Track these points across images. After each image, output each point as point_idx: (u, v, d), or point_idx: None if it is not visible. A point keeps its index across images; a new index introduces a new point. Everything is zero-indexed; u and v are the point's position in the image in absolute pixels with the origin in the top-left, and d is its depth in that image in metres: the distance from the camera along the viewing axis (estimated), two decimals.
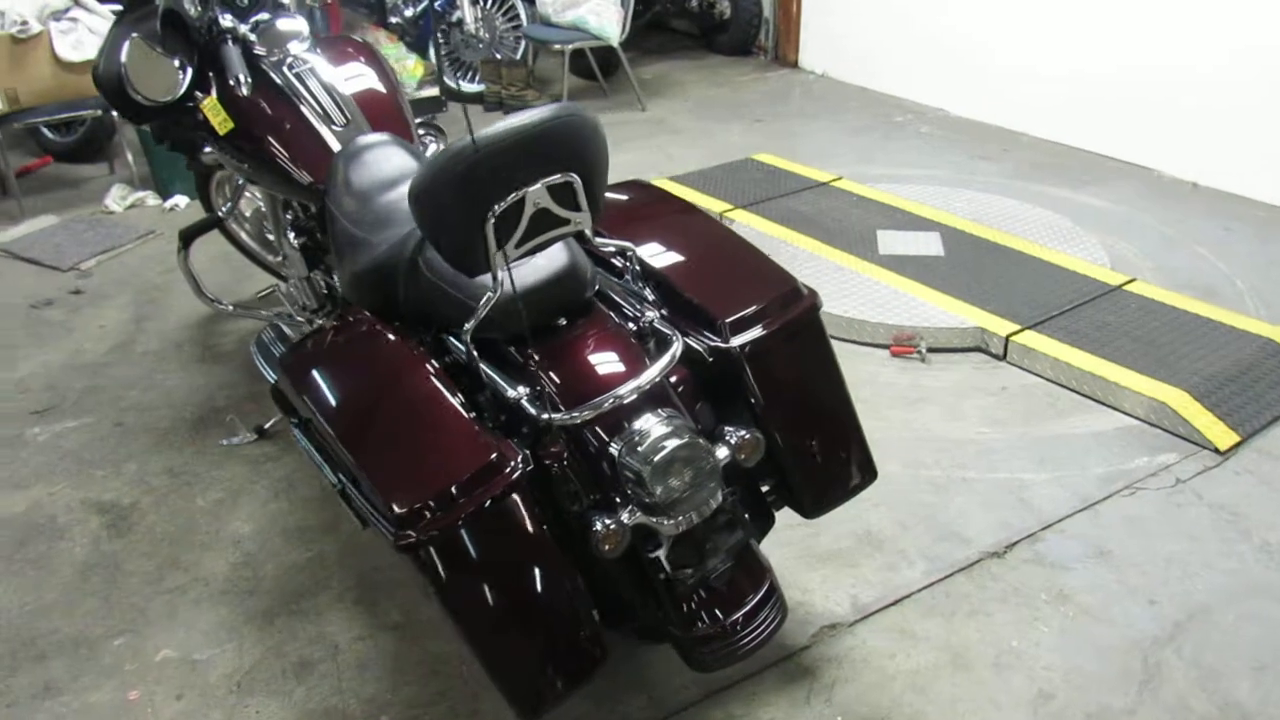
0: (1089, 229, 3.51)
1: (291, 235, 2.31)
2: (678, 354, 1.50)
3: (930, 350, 2.87)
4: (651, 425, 1.44)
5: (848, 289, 3.08)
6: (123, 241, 3.83)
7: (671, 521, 1.44)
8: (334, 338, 1.64)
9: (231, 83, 2.04)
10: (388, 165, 2.04)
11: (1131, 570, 2.04)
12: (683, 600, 1.51)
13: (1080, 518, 2.21)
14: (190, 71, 2.12)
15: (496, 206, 1.35)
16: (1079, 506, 2.24)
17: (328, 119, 2.12)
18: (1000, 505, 2.25)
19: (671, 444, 1.41)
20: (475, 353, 1.48)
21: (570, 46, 5.04)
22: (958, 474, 2.36)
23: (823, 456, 1.65)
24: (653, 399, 1.48)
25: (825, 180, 3.98)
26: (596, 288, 1.62)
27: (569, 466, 1.47)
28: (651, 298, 1.64)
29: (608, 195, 1.90)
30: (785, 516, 2.03)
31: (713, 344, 1.57)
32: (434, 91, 4.84)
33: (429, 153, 2.49)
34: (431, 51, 4.97)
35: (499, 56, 5.35)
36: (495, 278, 1.41)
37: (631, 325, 1.59)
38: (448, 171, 1.34)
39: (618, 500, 1.45)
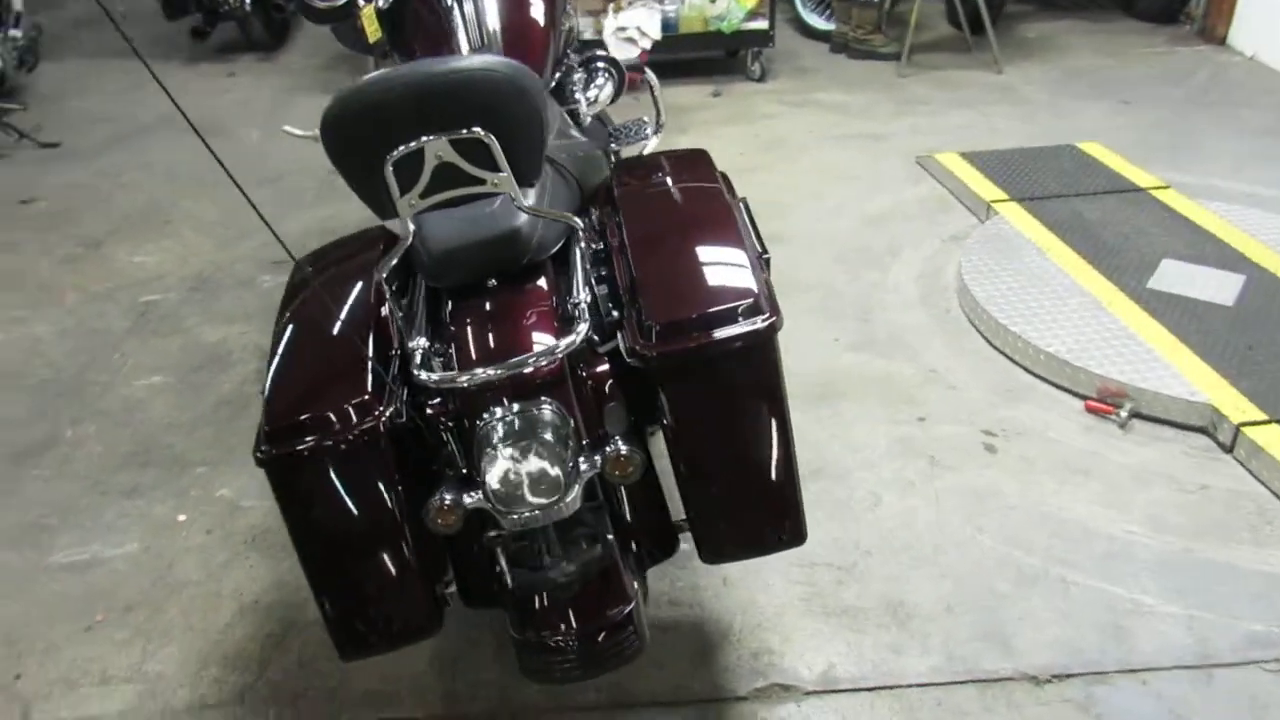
0: None
1: None
2: (571, 344, 1.37)
3: (1138, 417, 2.32)
4: (509, 418, 1.35)
5: (1071, 319, 2.57)
6: None
7: (510, 517, 1.35)
8: (347, 245, 1.73)
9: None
10: None
11: None
12: (519, 600, 1.42)
13: (1181, 675, 1.70)
14: None
15: (395, 152, 1.31)
16: (1189, 662, 1.72)
17: (464, 40, 2.16)
18: (1085, 624, 1.80)
19: (517, 444, 1.31)
20: (387, 296, 1.47)
21: None
22: (1060, 570, 1.92)
23: (732, 502, 1.43)
24: (542, 385, 1.38)
25: (1145, 186, 3.30)
26: (546, 255, 1.51)
27: (451, 432, 1.43)
28: (593, 279, 1.50)
29: (650, 158, 1.75)
30: (818, 556, 1.83)
31: (636, 345, 1.42)
32: (761, 24, 4.69)
33: (602, 91, 2.45)
34: None
35: None
36: (404, 224, 1.39)
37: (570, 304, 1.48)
38: (348, 106, 1.32)
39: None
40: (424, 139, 1.30)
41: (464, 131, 1.31)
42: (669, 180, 1.72)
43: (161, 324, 2.88)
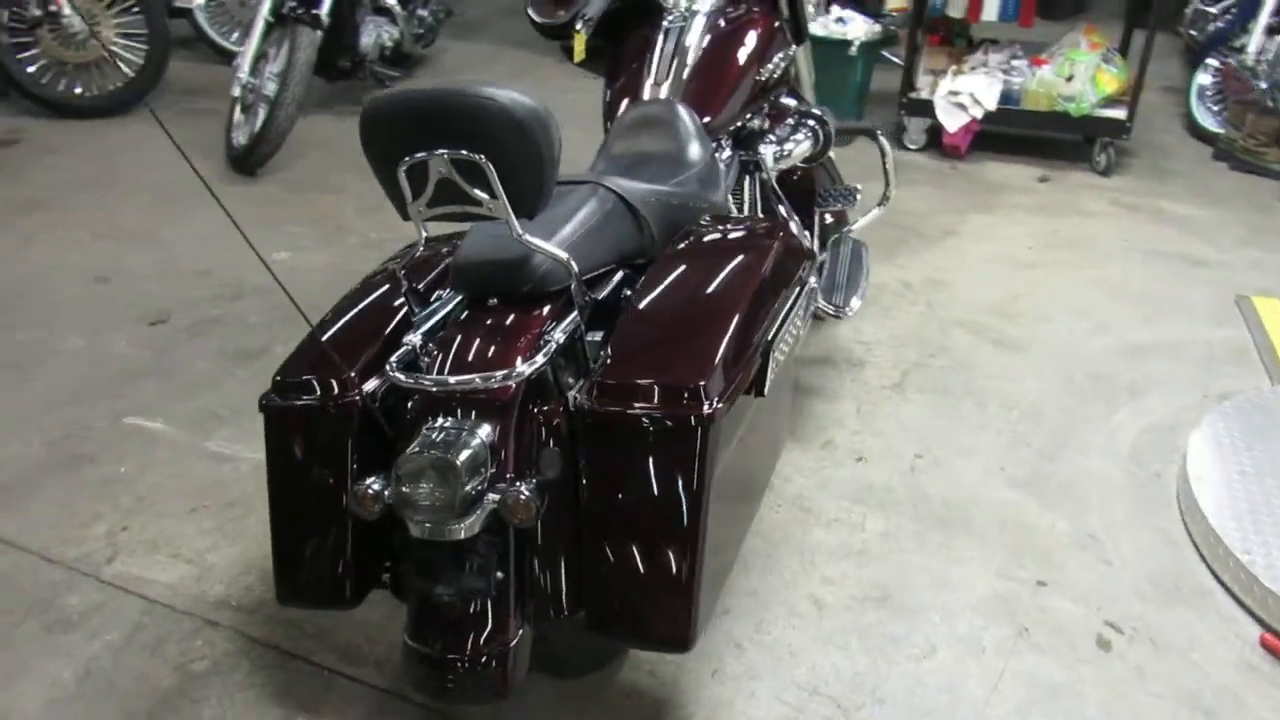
0: None
1: None
2: (512, 375, 1.36)
3: None
4: (442, 430, 1.38)
5: None
6: None
7: (409, 522, 1.39)
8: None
9: (579, 21, 2.23)
10: (636, 130, 2.07)
11: None
12: (411, 605, 1.44)
13: None
14: (595, 2, 2.36)
15: (404, 161, 1.40)
16: None
17: (649, 73, 2.19)
18: None
19: (430, 454, 1.34)
20: (404, 290, 1.57)
21: None
22: None
23: (619, 581, 1.34)
24: (487, 408, 1.40)
25: None
26: (552, 288, 1.51)
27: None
28: (580, 322, 1.48)
29: (730, 222, 1.70)
30: (826, 685, 1.73)
31: (578, 395, 1.39)
32: (1118, 113, 4.17)
33: (797, 147, 2.37)
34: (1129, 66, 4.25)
35: (1271, 104, 4.31)
36: (417, 227, 1.48)
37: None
38: (373, 112, 1.42)
39: None
40: (428, 153, 1.38)
41: (462, 152, 1.36)
42: (720, 247, 1.65)
43: None
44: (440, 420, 1.40)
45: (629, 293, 1.58)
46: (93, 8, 4.62)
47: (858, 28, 4.42)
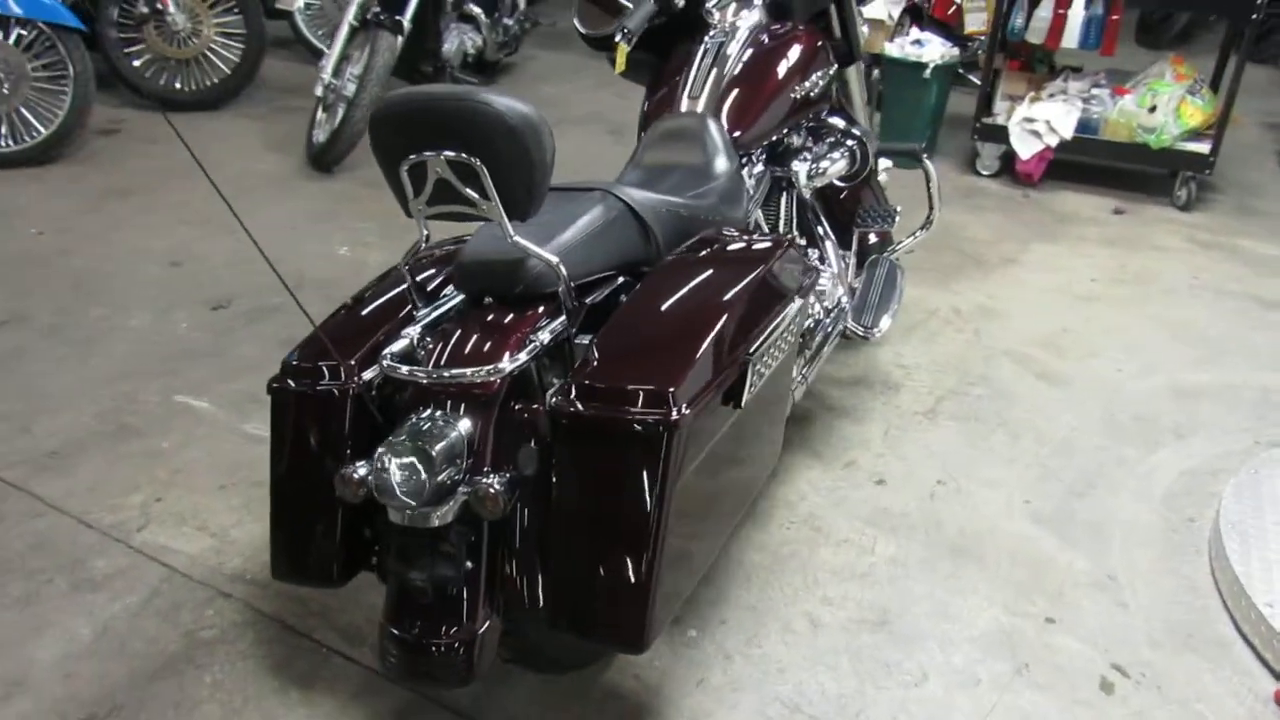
0: None
1: None
2: (487, 373, 1.41)
3: None
4: (425, 420, 1.43)
5: None
6: None
7: (387, 508, 1.44)
8: None
9: (619, 34, 2.26)
10: (665, 142, 2.10)
11: None
12: (389, 588, 1.49)
13: None
14: (637, 16, 2.38)
15: (405, 160, 1.46)
16: None
17: (684, 84, 2.21)
18: None
19: (407, 442, 1.39)
20: (407, 283, 1.62)
21: None
22: None
23: (578, 579, 1.37)
24: (470, 402, 1.44)
25: None
26: (546, 290, 1.54)
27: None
28: (568, 325, 1.52)
29: (729, 235, 1.72)
30: (810, 704, 1.74)
31: (556, 395, 1.42)
32: (1201, 147, 4.02)
33: (832, 165, 2.36)
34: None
35: None
36: (418, 224, 1.54)
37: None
38: (381, 111, 1.48)
39: None
40: (427, 153, 1.43)
41: (459, 155, 1.41)
42: (716, 259, 1.66)
43: None
44: (426, 411, 1.45)
45: (624, 299, 1.61)
46: (195, 7, 4.87)
47: (934, 50, 4.36)
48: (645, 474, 1.33)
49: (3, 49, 4.00)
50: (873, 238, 2.76)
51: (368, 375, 1.57)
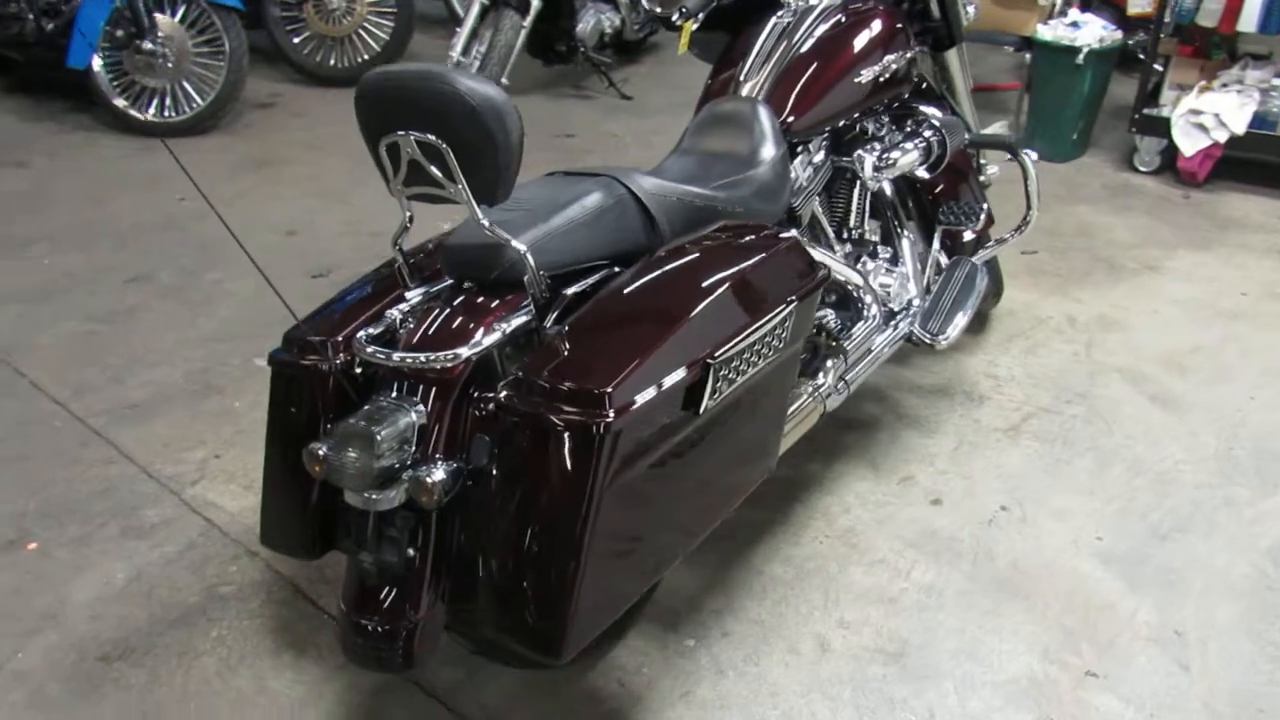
0: None
1: None
2: (446, 360, 1.38)
3: None
4: (378, 403, 1.42)
5: None
6: None
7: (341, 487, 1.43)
8: None
9: (676, 13, 2.15)
10: (710, 127, 2.00)
11: None
12: (348, 564, 1.49)
13: None
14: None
15: (382, 140, 1.44)
16: None
17: (743, 67, 2.10)
18: None
19: (358, 424, 1.38)
20: (398, 265, 1.61)
21: None
22: None
23: (499, 577, 1.33)
24: (427, 390, 1.42)
25: None
26: (521, 277, 1.49)
27: None
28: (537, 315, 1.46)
29: (734, 228, 1.64)
30: None
31: (503, 386, 1.37)
32: None
33: (904, 157, 2.18)
34: None
35: None
36: (400, 206, 1.53)
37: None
38: (360, 90, 1.47)
39: None
40: (398, 134, 1.41)
41: (425, 136, 1.38)
42: (703, 255, 1.56)
43: None
44: (387, 393, 1.44)
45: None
46: None
47: (1091, 33, 3.99)
48: (574, 477, 1.27)
49: (169, 26, 4.32)
50: (968, 236, 2.55)
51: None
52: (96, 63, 4.28)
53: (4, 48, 4.42)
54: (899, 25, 2.23)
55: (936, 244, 2.44)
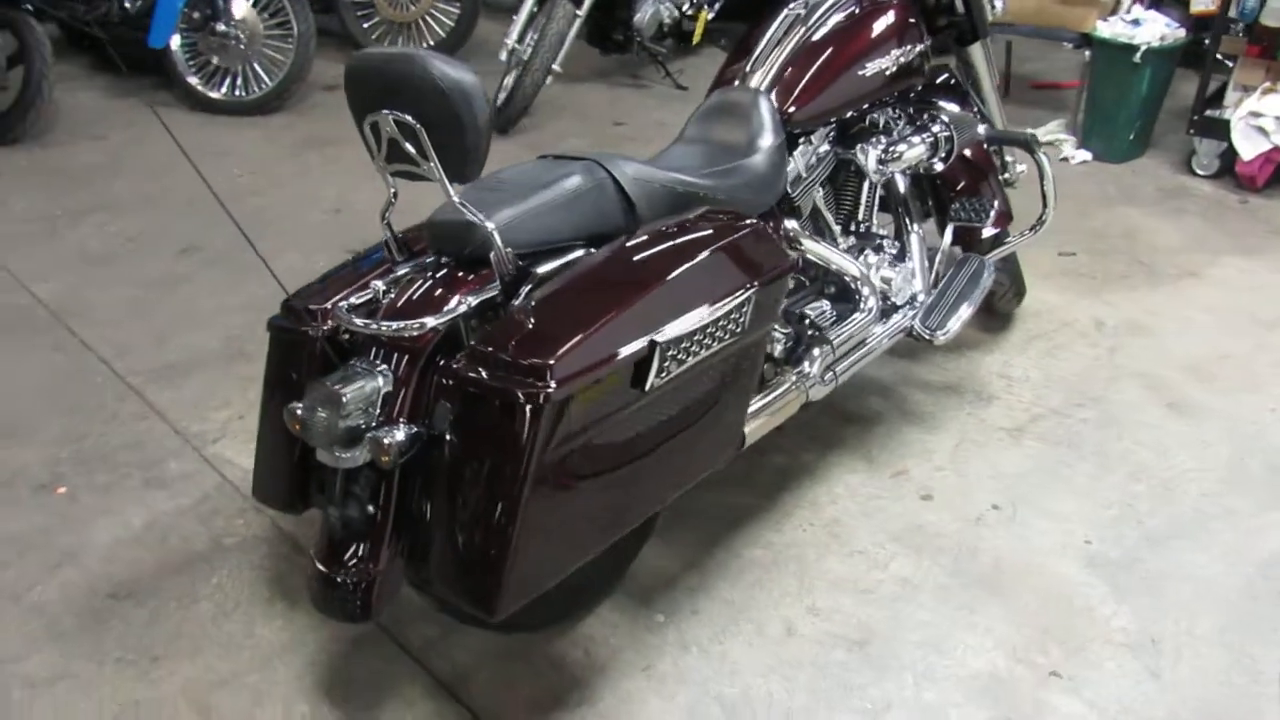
0: None
1: None
2: (411, 330, 1.45)
3: None
4: (351, 367, 1.50)
5: None
6: None
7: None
8: None
9: (686, 5, 2.18)
10: (710, 116, 2.04)
11: None
12: (321, 520, 1.58)
13: None
14: None
15: (366, 119, 1.52)
16: None
17: (751, 56, 2.12)
18: None
19: (331, 386, 1.46)
20: (385, 237, 1.69)
21: None
22: None
23: (440, 535, 1.41)
24: (396, 357, 1.50)
25: None
26: (492, 255, 1.55)
27: None
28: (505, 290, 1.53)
29: (708, 215, 1.68)
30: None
31: (460, 355, 1.44)
32: None
33: (909, 150, 2.18)
34: None
35: None
36: (384, 180, 1.61)
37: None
38: (349, 68, 1.55)
39: None
40: (379, 113, 1.49)
41: (401, 115, 1.46)
42: (667, 238, 1.60)
43: None
44: (362, 359, 1.52)
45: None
46: None
47: (1150, 31, 3.88)
48: (513, 444, 1.33)
49: (243, 9, 4.50)
50: (986, 233, 2.53)
51: None
52: (175, 43, 4.50)
53: (90, 27, 4.67)
54: (910, 19, 2.23)
55: (948, 240, 2.43)
